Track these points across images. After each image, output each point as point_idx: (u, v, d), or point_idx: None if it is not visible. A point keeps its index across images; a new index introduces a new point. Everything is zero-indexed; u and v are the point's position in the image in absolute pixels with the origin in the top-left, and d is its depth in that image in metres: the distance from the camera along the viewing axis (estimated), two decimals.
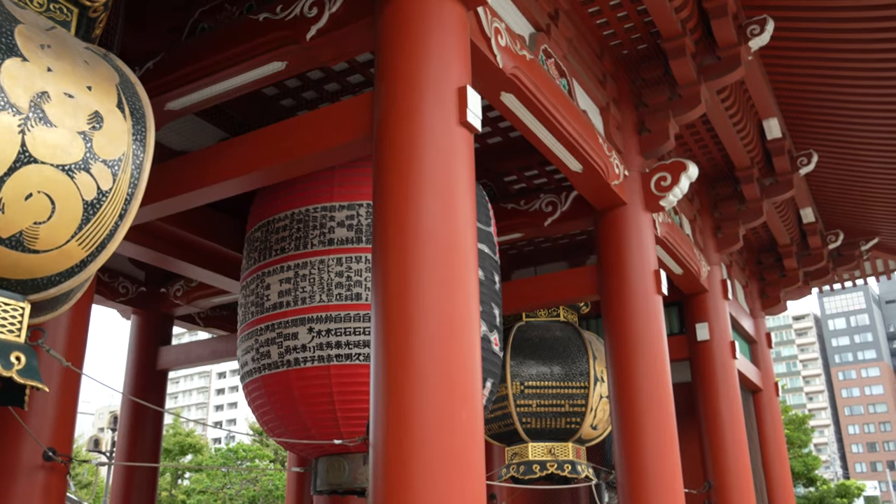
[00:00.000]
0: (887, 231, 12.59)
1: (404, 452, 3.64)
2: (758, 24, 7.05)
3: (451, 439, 3.70)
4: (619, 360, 6.86)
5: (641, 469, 6.56)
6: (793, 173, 9.68)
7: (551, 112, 5.69)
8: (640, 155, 7.42)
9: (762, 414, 12.01)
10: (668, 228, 7.98)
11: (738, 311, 11.11)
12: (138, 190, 3.48)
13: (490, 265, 6.05)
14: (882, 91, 8.02)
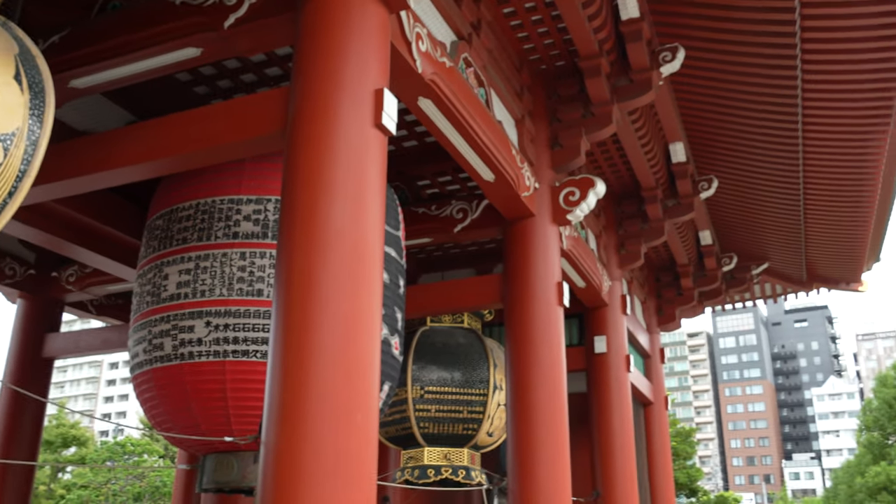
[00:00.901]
0: (776, 257, 13.29)
1: (296, 452, 3.59)
2: (670, 52, 7.33)
3: (344, 441, 3.67)
4: (518, 369, 6.98)
5: (533, 476, 6.69)
6: (694, 196, 10.10)
7: (467, 120, 5.74)
8: (551, 168, 7.58)
9: (651, 426, 12.44)
10: (573, 242, 8.17)
11: (635, 325, 11.48)
12: (31, 167, 3.32)
13: (395, 269, 6.05)
14: (776, 125, 8.46)
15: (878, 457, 34.78)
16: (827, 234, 11.71)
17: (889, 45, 6.82)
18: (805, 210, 10.69)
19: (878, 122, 8.04)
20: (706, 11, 7.06)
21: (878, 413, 35.65)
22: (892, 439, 35.41)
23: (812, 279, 14.44)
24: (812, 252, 12.75)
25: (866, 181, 9.53)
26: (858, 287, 14.81)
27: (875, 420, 35.87)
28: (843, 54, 7.10)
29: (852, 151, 8.83)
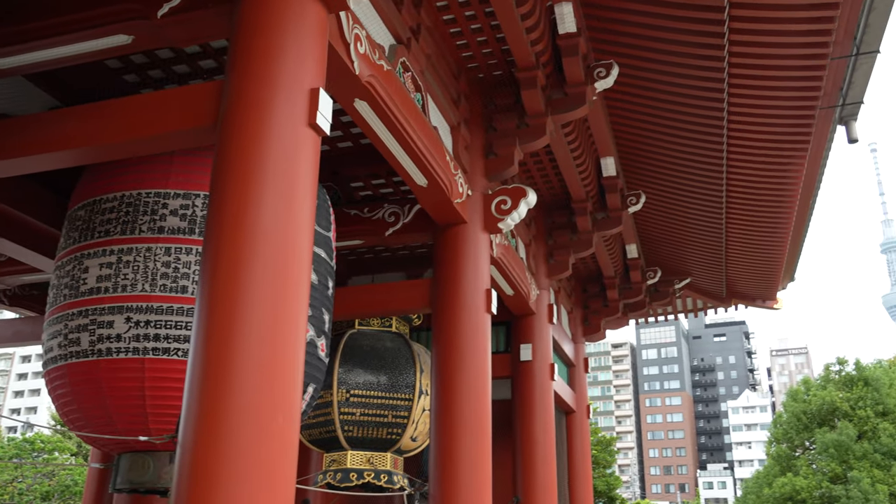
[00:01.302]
0: (698, 273, 13.71)
1: (213, 453, 3.53)
2: (604, 68, 7.50)
3: (264, 443, 3.63)
4: (444, 374, 7.01)
5: (454, 481, 6.71)
6: (623, 210, 10.34)
7: (403, 124, 5.75)
8: (485, 177, 7.65)
9: (573, 434, 12.66)
10: (503, 250, 8.26)
11: (560, 335, 11.67)
12: None
13: (325, 270, 6.00)
14: (703, 145, 8.73)
15: (785, 468, 36.15)
16: (746, 254, 12.14)
17: (810, 73, 7.12)
18: (727, 229, 11.06)
19: (796, 146, 8.38)
20: (640, 31, 7.25)
21: (788, 426, 37.08)
22: (799, 452, 36.88)
23: (731, 295, 14.95)
24: (732, 270, 13.20)
25: (784, 204, 9.92)
26: (774, 305, 15.41)
27: (784, 433, 37.29)
28: (767, 80, 7.38)
29: (772, 175, 9.18)
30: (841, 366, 37.59)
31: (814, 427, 35.77)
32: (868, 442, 33.49)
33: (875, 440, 33.36)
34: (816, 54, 6.85)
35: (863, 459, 33.00)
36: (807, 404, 36.44)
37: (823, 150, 8.91)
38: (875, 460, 32.78)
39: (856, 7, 6.40)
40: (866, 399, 34.59)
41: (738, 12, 6.47)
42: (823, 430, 34.84)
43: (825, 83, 7.25)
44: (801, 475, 34.63)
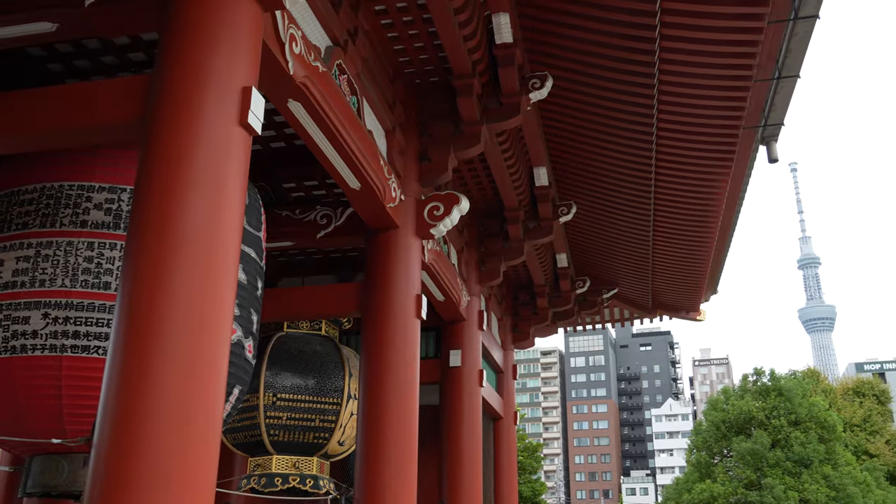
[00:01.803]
0: (626, 284, 14.03)
1: (130, 455, 3.44)
2: (539, 79, 7.62)
3: (184, 446, 3.55)
4: (372, 379, 6.99)
5: (379, 486, 6.69)
6: (554, 220, 10.50)
7: (337, 127, 5.73)
8: (418, 182, 7.67)
9: (500, 440, 12.77)
10: (435, 256, 8.29)
11: (490, 341, 11.76)
12: None
13: (254, 270, 5.92)
14: (633, 159, 8.96)
15: (704, 475, 37.24)
16: (672, 266, 12.49)
17: (734, 94, 7.38)
18: (654, 242, 11.36)
19: (721, 164, 8.67)
20: (575, 45, 7.40)
21: (707, 434, 38.23)
22: (718, 459, 38.03)
23: (656, 306, 15.34)
24: (658, 281, 13.55)
25: (708, 219, 10.25)
26: (697, 316, 15.87)
27: (704, 441, 38.41)
28: (694, 98, 7.62)
29: (698, 190, 9.47)
30: (758, 376, 38.96)
31: (731, 435, 36.95)
32: (781, 450, 34.79)
33: (787, 448, 34.67)
34: (741, 76, 7.11)
35: (776, 467, 34.26)
36: (725, 413, 37.62)
37: (746, 169, 9.25)
38: (787, 468, 34.07)
39: (778, 32, 6.67)
40: (780, 409, 35.93)
41: (668, 31, 6.67)
42: (740, 439, 36.03)
43: (748, 104, 7.53)
44: (719, 482, 35.72)
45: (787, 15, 6.52)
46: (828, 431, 35.41)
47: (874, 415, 49.29)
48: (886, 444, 47.16)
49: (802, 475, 33.65)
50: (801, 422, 35.49)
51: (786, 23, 6.59)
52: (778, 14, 6.45)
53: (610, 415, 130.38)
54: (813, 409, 35.94)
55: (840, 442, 36.58)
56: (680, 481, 40.20)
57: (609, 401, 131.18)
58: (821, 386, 49.84)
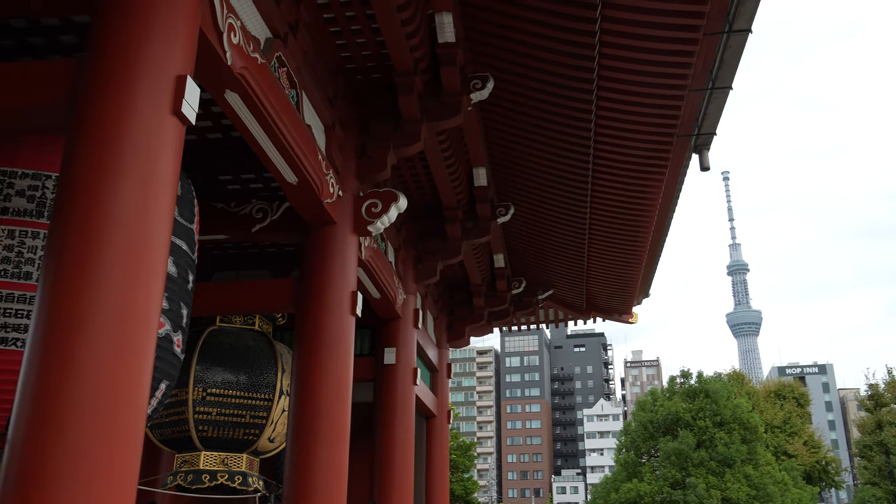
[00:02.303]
0: (561, 286, 14.22)
1: (48, 453, 3.32)
2: (480, 80, 7.66)
3: (105, 441, 3.45)
4: (305, 375, 6.91)
5: (310, 484, 6.63)
6: (492, 220, 10.57)
7: (274, 120, 5.64)
8: (357, 178, 7.63)
9: (433, 438, 12.80)
10: (372, 253, 8.26)
11: (425, 340, 11.78)
12: None
13: (185, 263, 5.79)
14: (571, 163, 9.09)
15: (631, 474, 38.09)
16: (606, 269, 12.71)
17: (669, 102, 7.55)
18: (589, 245, 11.54)
19: (655, 170, 8.86)
20: (517, 47, 7.46)
21: (635, 435, 39.10)
22: (645, 459, 38.93)
23: (590, 308, 15.61)
24: (592, 284, 13.78)
25: (642, 224, 10.47)
26: (629, 319, 16.21)
27: (632, 441, 39.28)
28: (632, 105, 7.77)
29: (632, 195, 9.66)
30: (685, 378, 40.01)
31: (659, 436, 37.87)
32: (705, 450, 35.81)
33: (712, 448, 35.71)
34: (676, 85, 7.28)
35: (700, 466, 35.25)
36: (653, 414, 38.53)
37: (679, 176, 9.47)
38: (711, 467, 35.09)
39: (712, 44, 6.85)
40: (706, 410, 36.99)
41: (607, 38, 6.78)
42: (667, 439, 36.95)
43: (683, 113, 7.72)
44: (646, 481, 36.56)
45: (721, 28, 6.70)
46: (750, 432, 36.63)
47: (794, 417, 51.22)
48: (804, 445, 49.07)
49: (725, 474, 34.71)
50: (725, 423, 36.61)
51: (720, 35, 6.77)
52: (713, 27, 6.63)
53: (543, 414, 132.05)
54: (737, 410, 37.11)
55: (761, 442, 37.88)
56: (608, 480, 41.00)
57: (543, 400, 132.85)
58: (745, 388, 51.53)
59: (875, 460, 43.88)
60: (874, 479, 43.77)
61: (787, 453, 46.98)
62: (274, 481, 9.17)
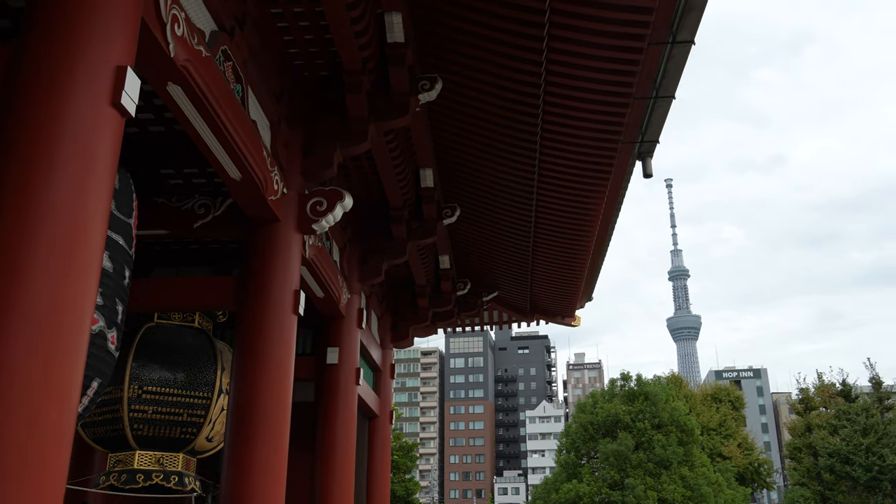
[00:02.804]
0: (506, 288, 14.33)
1: None
2: (429, 81, 7.66)
3: (33, 439, 3.35)
4: (245, 374, 6.82)
5: (248, 484, 6.54)
6: (438, 222, 10.59)
7: (218, 114, 5.56)
8: (302, 176, 7.55)
9: (374, 439, 12.76)
10: (316, 251, 8.19)
11: (369, 340, 11.74)
12: None
13: (122, 258, 5.66)
14: (517, 168, 9.16)
15: (571, 475, 38.59)
16: (550, 273, 12.85)
17: (615, 109, 7.67)
18: (534, 248, 11.65)
19: (599, 176, 8.99)
20: (467, 50, 7.49)
21: (576, 436, 39.63)
22: (585, 460, 39.48)
23: (534, 311, 15.76)
24: (536, 287, 13.92)
25: (586, 229, 10.62)
26: (572, 322, 16.42)
27: (572, 442, 39.81)
28: (578, 111, 7.86)
29: (577, 200, 9.79)
30: (625, 381, 40.71)
31: (598, 437, 38.45)
32: (643, 452, 36.50)
33: (650, 450, 36.42)
34: (621, 92, 7.40)
35: (638, 468, 35.91)
36: (593, 416, 39.11)
37: (623, 182, 9.64)
38: (648, 469, 35.78)
39: (657, 54, 7.00)
40: (645, 412, 37.71)
41: (555, 44, 6.86)
42: (606, 441, 37.54)
43: (627, 120, 7.86)
44: (585, 482, 37.08)
45: (665, 38, 6.84)
46: (687, 434, 37.46)
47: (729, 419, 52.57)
48: (738, 447, 50.40)
49: (662, 476, 35.43)
50: (663, 425, 37.37)
51: (664, 46, 6.92)
52: (657, 37, 6.76)
53: (486, 416, 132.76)
54: (675, 413, 37.92)
55: (697, 444, 38.78)
56: (549, 481, 41.44)
57: (486, 402, 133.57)
58: (683, 391, 52.67)
59: (804, 462, 45.32)
60: (803, 480, 45.22)
61: (722, 455, 48.19)
62: (211, 481, 9.03)
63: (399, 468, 45.77)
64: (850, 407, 43.44)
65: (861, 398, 45.15)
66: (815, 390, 49.56)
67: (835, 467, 41.05)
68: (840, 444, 41.27)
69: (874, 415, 42.09)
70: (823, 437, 43.49)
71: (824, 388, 48.70)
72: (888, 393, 44.40)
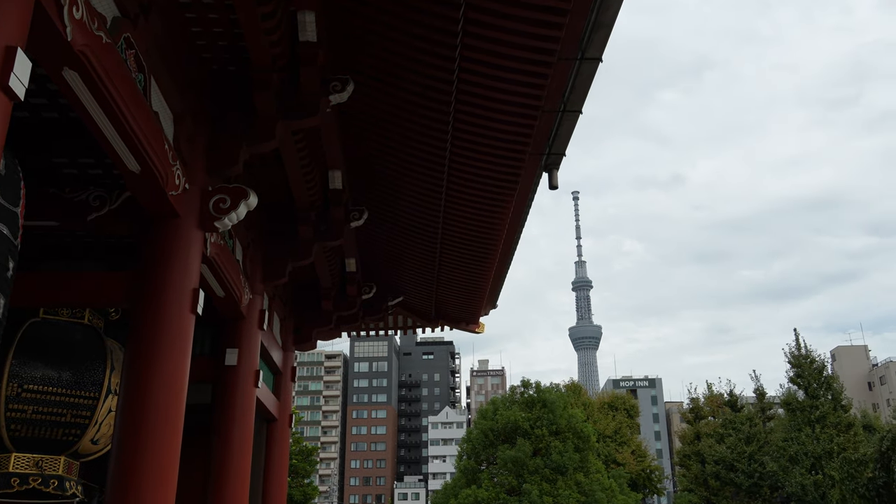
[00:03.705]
0: (411, 293, 14.34)
1: None
2: (340, 82, 7.57)
3: None
4: (137, 374, 6.56)
5: (136, 488, 6.28)
6: (345, 224, 10.49)
7: (118, 103, 5.34)
8: (206, 172, 7.34)
9: (273, 443, 12.50)
10: (218, 250, 7.98)
11: (270, 341, 11.51)
12: None
13: (5, 248, 5.34)
14: (427, 174, 9.20)
15: (470, 481, 38.96)
16: (456, 280, 12.94)
17: (523, 121, 7.80)
18: (441, 255, 11.72)
19: (506, 186, 9.13)
20: (381, 54, 7.48)
21: (476, 442, 40.05)
22: (484, 466, 39.92)
23: (439, 317, 15.83)
24: (442, 293, 13.99)
25: (492, 237, 10.75)
26: (476, 328, 16.58)
27: (472, 448, 40.20)
28: (488, 120, 7.96)
29: (484, 209, 9.90)
30: (525, 388, 41.42)
31: (498, 443, 38.96)
32: (541, 458, 37.22)
33: (547, 456, 37.17)
34: (530, 105, 7.54)
35: (535, 474, 36.58)
36: (494, 422, 39.60)
37: (529, 192, 9.82)
38: (545, 475, 36.51)
39: (566, 69, 7.17)
40: (543, 419, 38.47)
41: (468, 54, 6.93)
42: (505, 447, 38.09)
43: (535, 132, 8.01)
44: (484, 487, 37.48)
45: (574, 54, 7.02)
46: (583, 441, 38.44)
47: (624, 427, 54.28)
48: (632, 454, 52.09)
49: (558, 481, 36.20)
50: (560, 432, 38.21)
51: (573, 62, 7.09)
52: (567, 52, 6.93)
53: (389, 420, 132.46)
54: (572, 420, 38.84)
55: (593, 451, 39.85)
56: (448, 486, 41.71)
57: (389, 407, 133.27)
58: (582, 399, 54.05)
59: (692, 468, 47.25)
60: (691, 486, 47.14)
61: (616, 461, 49.67)
62: (97, 486, 8.64)
63: (298, 472, 45.06)
64: (736, 416, 45.58)
65: (746, 408, 47.48)
66: (704, 400, 51.83)
67: (720, 474, 42.97)
68: (725, 452, 43.24)
69: (757, 424, 44.32)
70: (711, 444, 45.46)
71: (713, 398, 50.97)
72: (770, 403, 46.87)
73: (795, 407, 40.12)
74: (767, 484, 40.78)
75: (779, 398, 43.40)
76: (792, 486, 38.37)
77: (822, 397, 39.86)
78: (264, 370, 11.41)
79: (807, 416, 39.46)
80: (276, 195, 10.00)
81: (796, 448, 38.90)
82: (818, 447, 38.14)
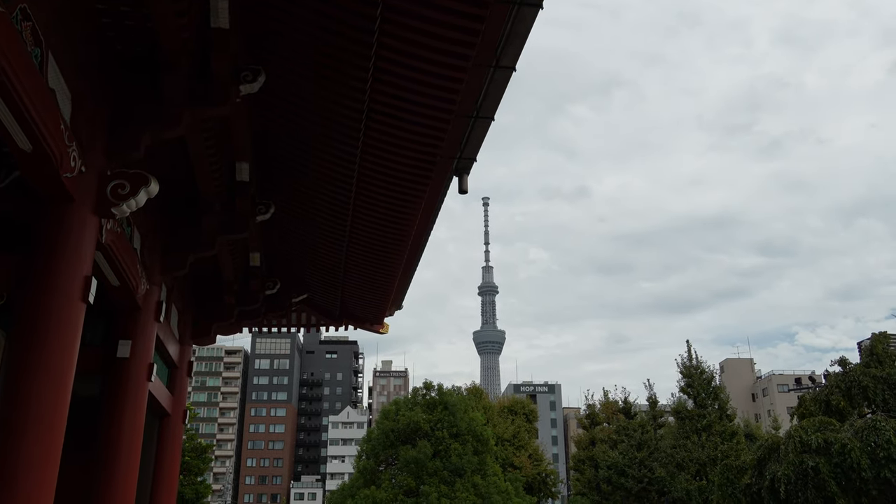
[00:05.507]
0: (316, 290, 14.20)
1: None
2: (252, 72, 7.42)
3: None
4: (19, 363, 6.21)
5: (11, 485, 5.95)
6: (251, 217, 10.27)
7: (10, 77, 5.07)
8: (105, 156, 7.05)
9: (164, 439, 12.11)
10: (114, 237, 7.67)
11: (166, 334, 11.15)
12: None
13: None
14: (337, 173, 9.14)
15: (369, 481, 38.75)
16: (362, 279, 12.89)
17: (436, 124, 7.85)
18: (348, 254, 11.64)
19: (416, 188, 9.16)
20: (293, 46, 7.38)
21: (377, 442, 39.89)
22: (384, 467, 39.81)
23: (344, 316, 15.73)
24: (347, 292, 13.91)
25: (400, 238, 10.77)
26: (381, 329, 16.56)
27: (373, 448, 40.02)
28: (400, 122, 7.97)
29: (393, 210, 9.91)
30: (427, 390, 41.59)
31: (399, 444, 38.93)
32: (440, 460, 37.42)
33: (446, 458, 37.40)
34: (443, 108, 7.59)
35: (434, 475, 36.75)
36: (395, 423, 39.57)
37: (439, 195, 9.87)
38: (443, 476, 36.72)
39: (480, 76, 7.24)
40: (444, 421, 38.71)
41: (384, 53, 6.92)
42: (406, 448, 38.10)
43: (447, 136, 8.07)
44: (383, 488, 37.36)
45: (489, 62, 7.10)
46: (482, 444, 38.88)
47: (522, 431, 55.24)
48: (529, 458, 53.06)
49: (456, 484, 36.47)
50: (460, 434, 38.52)
51: (487, 69, 7.18)
52: (482, 59, 7.01)
53: (288, 419, 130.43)
54: (472, 423, 39.22)
55: (491, 454, 40.34)
56: (345, 486, 41.37)
57: (289, 405, 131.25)
58: (483, 403, 54.66)
59: (586, 473, 48.55)
60: (584, 491, 48.43)
61: (514, 465, 50.47)
62: None
63: (191, 470, 43.77)
64: (629, 423, 47.12)
65: (639, 415, 49.17)
66: (600, 407, 53.36)
67: (612, 478, 44.31)
68: (618, 458, 44.63)
69: (648, 431, 45.94)
70: (605, 450, 46.86)
71: (609, 405, 52.54)
72: (661, 411, 48.70)
73: (685, 416, 41.85)
74: (655, 489, 42.32)
75: (670, 406, 45.16)
76: (678, 492, 40.02)
77: (710, 406, 41.72)
78: (159, 364, 11.05)
79: (694, 425, 41.21)
80: (180, 184, 9.70)
81: (683, 455, 40.58)
82: (703, 454, 39.89)
